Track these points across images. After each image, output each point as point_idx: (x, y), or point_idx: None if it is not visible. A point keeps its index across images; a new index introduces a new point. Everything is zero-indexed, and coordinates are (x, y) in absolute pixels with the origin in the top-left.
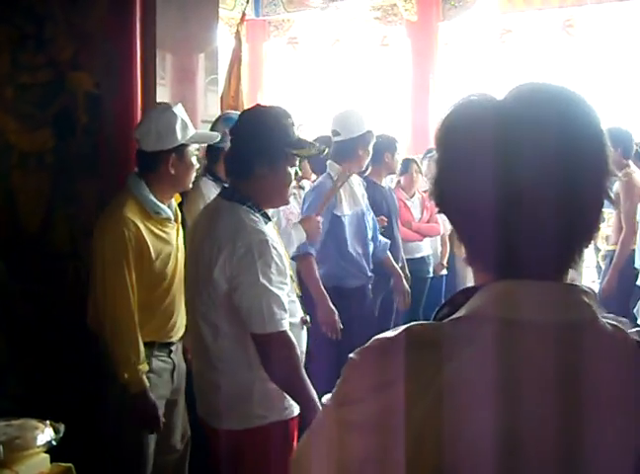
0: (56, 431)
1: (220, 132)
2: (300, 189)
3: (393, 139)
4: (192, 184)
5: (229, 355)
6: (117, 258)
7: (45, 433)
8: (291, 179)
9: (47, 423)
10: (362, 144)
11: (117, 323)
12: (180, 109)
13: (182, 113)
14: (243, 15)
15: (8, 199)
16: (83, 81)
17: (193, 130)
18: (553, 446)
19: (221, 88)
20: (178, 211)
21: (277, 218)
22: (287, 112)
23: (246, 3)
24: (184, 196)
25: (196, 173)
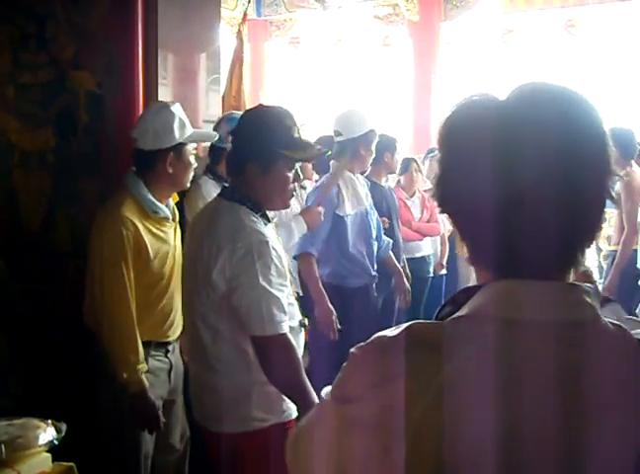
0: (58, 430)
1: (224, 132)
2: (302, 189)
3: (393, 139)
4: (192, 183)
5: (228, 356)
6: (115, 257)
7: (47, 432)
8: (289, 181)
9: (49, 422)
10: (365, 144)
11: (115, 322)
12: (177, 107)
13: (179, 111)
14: (245, 15)
15: (9, 199)
16: (84, 80)
17: (191, 129)
18: (554, 446)
19: (223, 88)
20: (176, 211)
21: (277, 219)
22: (289, 112)
23: (248, 3)
24: (183, 195)
25: (194, 172)
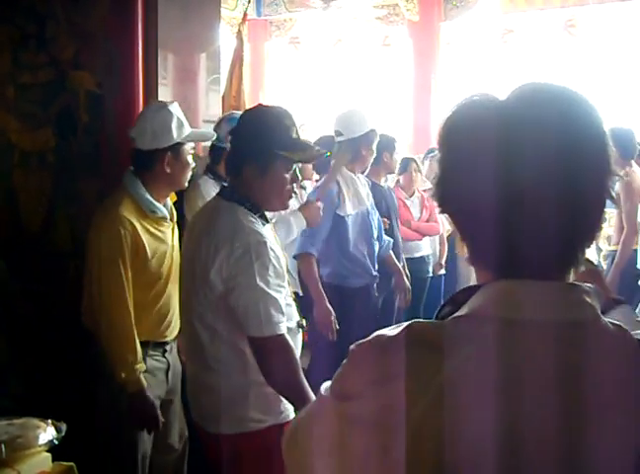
0: (58, 430)
1: (224, 132)
2: (302, 189)
3: (392, 139)
4: (192, 182)
5: (225, 356)
6: (113, 256)
7: (47, 432)
8: (287, 182)
9: (49, 422)
10: (366, 144)
11: (113, 322)
12: (175, 107)
13: (178, 111)
14: (245, 15)
15: (9, 199)
16: (84, 80)
17: (189, 129)
18: (554, 446)
19: (223, 88)
20: (173, 210)
21: (276, 215)
22: (289, 112)
23: (248, 3)
24: (182, 194)
25: (193, 172)
